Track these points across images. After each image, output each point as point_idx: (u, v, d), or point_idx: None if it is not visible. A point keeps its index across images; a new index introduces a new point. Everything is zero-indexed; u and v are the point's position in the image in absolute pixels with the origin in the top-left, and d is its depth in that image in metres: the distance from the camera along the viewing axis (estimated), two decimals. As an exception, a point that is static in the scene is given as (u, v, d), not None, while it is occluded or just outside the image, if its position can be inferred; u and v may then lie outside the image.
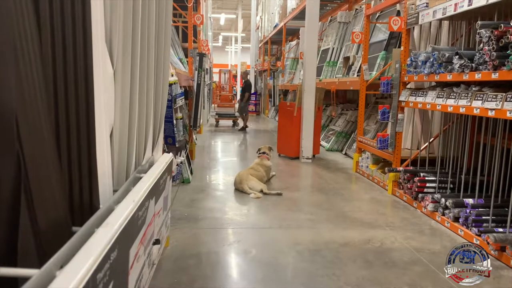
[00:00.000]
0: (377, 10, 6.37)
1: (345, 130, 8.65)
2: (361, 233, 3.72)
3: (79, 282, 0.98)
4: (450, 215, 3.84)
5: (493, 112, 3.26)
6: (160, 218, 2.31)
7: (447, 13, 3.99)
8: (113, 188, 1.78)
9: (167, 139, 4.53)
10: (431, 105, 4.19)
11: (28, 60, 1.12)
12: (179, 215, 4.05)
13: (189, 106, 6.76)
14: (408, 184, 4.65)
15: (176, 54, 6.96)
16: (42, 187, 1.19)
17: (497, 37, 3.25)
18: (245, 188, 4.96)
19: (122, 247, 1.38)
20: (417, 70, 4.51)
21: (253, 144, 9.18)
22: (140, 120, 2.15)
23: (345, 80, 7.58)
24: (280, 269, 2.98)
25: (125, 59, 1.86)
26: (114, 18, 1.74)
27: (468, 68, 3.61)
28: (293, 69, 13.13)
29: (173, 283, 2.71)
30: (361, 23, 7.90)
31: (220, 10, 24.09)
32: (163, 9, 2.52)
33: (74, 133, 1.42)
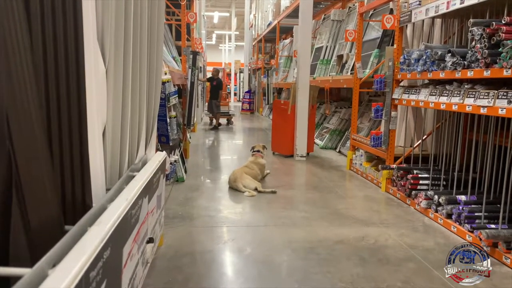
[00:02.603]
0: (370, 8, 6.39)
1: (339, 128, 8.67)
2: (355, 230, 3.73)
3: (72, 281, 0.98)
4: (443, 212, 3.87)
5: (485, 109, 3.29)
6: (153, 216, 2.30)
7: (439, 11, 4.01)
8: (106, 186, 1.77)
9: (160, 137, 4.51)
10: (424, 103, 4.21)
11: (18, 58, 1.11)
12: (174, 214, 4.04)
13: (183, 105, 6.74)
14: (402, 182, 4.68)
15: (169, 52, 6.93)
16: (34, 185, 1.18)
17: (489, 35, 3.27)
18: (240, 186, 4.96)
19: (115, 246, 1.38)
20: (410, 68, 4.53)
21: (247, 142, 9.17)
22: (133, 118, 2.14)
23: (338, 78, 7.59)
24: (274, 266, 2.99)
25: (117, 57, 1.85)
26: (106, 15, 1.73)
27: (461, 65, 3.63)
28: (287, 67, 13.14)
29: (167, 282, 2.71)
30: (354, 21, 7.92)
31: (214, 8, 24.03)
32: (156, 6, 2.51)
33: (66, 131, 1.41)
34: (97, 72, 1.65)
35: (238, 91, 28.45)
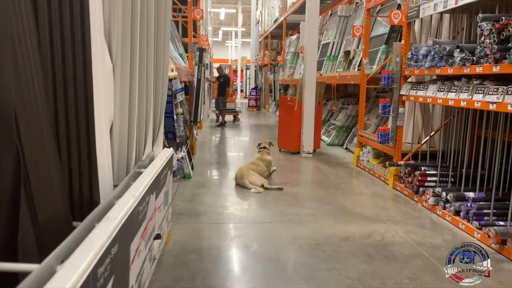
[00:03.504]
0: (378, 4, 6.33)
1: (345, 125, 8.64)
2: (362, 227, 3.72)
3: (80, 277, 0.98)
4: (451, 208, 3.84)
5: (494, 105, 3.25)
6: (161, 213, 2.31)
7: (448, 6, 3.96)
8: (114, 183, 1.78)
9: (167, 134, 4.53)
10: (432, 99, 4.17)
11: (26, 56, 1.11)
12: (180, 210, 4.06)
13: (190, 101, 6.75)
14: (409, 178, 4.65)
15: (176, 49, 6.94)
16: (42, 182, 1.19)
17: (498, 30, 3.23)
18: (246, 183, 4.96)
19: (123, 242, 1.38)
20: (418, 64, 4.49)
21: (253, 139, 9.17)
22: (140, 115, 2.15)
23: (345, 74, 7.55)
24: (281, 263, 2.99)
25: (124, 53, 1.85)
26: (112, 12, 1.73)
27: (469, 61, 3.59)
28: (293, 64, 13.09)
29: (174, 278, 2.72)
30: (361, 16, 7.86)
31: (220, 4, 23.97)
32: (162, 3, 2.51)
33: (74, 128, 1.42)
34: (104, 69, 1.66)
35: (245, 88, 28.42)
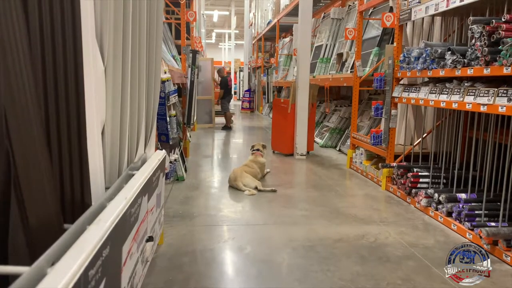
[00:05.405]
0: (370, 6, 6.38)
1: (339, 127, 8.67)
2: (355, 228, 3.73)
3: (71, 279, 0.97)
4: (443, 210, 3.87)
5: (485, 107, 3.28)
6: (153, 215, 2.30)
7: (439, 9, 4.00)
8: (105, 185, 1.77)
9: (160, 136, 4.51)
10: (424, 101, 4.21)
11: (16, 56, 1.11)
12: (174, 213, 4.04)
13: (183, 104, 6.73)
14: (402, 180, 4.68)
15: (169, 51, 6.93)
16: (33, 184, 1.18)
17: (489, 32, 3.26)
18: (240, 185, 4.96)
19: (115, 244, 1.37)
20: (410, 66, 4.53)
21: (247, 141, 9.17)
22: (132, 117, 2.14)
23: (338, 76, 7.58)
24: (275, 265, 2.98)
25: (116, 55, 1.85)
26: (104, 13, 1.72)
27: (461, 63, 3.63)
28: (286, 66, 13.12)
29: (167, 281, 2.70)
30: (354, 19, 7.90)
31: (213, 6, 24.01)
32: (155, 5, 2.50)
33: (65, 129, 1.41)
34: (96, 71, 1.65)
35: (238, 90, 28.43)
